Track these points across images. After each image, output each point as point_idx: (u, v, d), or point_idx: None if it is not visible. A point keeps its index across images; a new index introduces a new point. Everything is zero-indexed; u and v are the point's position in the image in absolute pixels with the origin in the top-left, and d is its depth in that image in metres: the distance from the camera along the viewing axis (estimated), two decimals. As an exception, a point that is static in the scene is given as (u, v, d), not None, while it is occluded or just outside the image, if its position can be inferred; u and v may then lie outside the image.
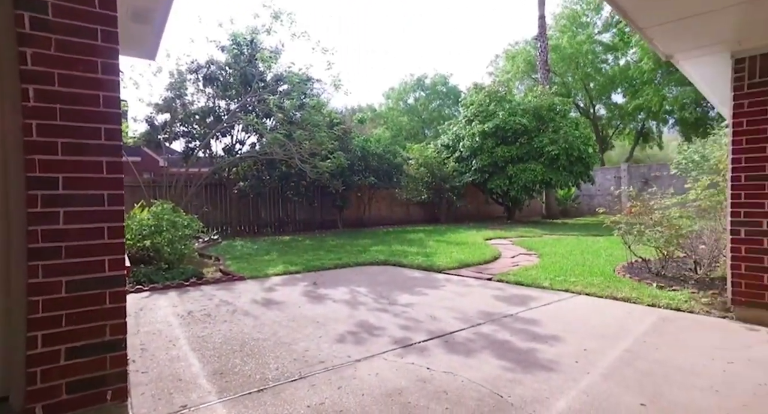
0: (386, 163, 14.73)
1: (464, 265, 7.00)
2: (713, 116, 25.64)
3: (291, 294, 5.25)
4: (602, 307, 4.48)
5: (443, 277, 6.23)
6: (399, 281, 5.99)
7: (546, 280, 5.58)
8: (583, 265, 6.53)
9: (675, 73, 24.21)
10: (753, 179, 3.85)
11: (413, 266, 7.04)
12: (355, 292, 5.34)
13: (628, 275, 5.67)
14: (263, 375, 2.83)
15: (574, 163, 15.05)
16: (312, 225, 14.68)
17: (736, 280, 3.95)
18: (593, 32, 27.97)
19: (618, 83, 28.08)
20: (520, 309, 4.41)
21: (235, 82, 11.38)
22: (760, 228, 3.82)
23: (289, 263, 7.21)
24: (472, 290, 5.37)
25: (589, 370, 2.83)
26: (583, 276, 5.74)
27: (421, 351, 3.27)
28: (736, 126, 3.95)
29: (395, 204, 17.34)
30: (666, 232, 5.14)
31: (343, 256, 7.86)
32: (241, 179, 12.79)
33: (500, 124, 15.31)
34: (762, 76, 3.81)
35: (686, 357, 3.06)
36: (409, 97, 44.64)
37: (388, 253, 8.19)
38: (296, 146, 10.29)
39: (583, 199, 21.12)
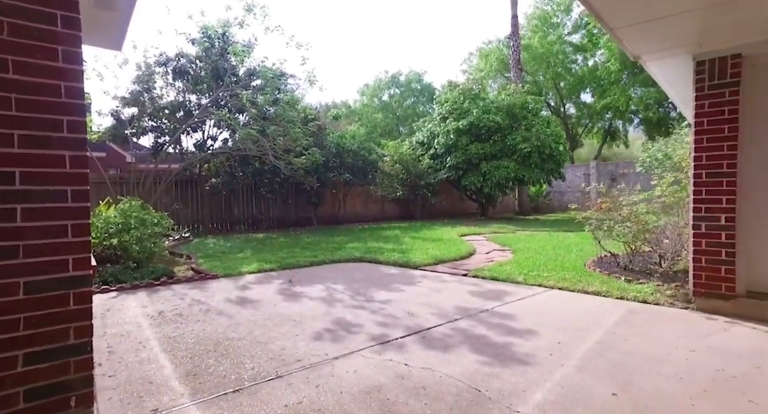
0: (361, 160, 14.69)
1: (440, 261, 7.05)
2: (674, 116, 26.75)
3: (266, 292, 5.16)
4: (574, 300, 4.60)
5: (419, 274, 6.26)
6: (375, 278, 5.98)
7: (520, 275, 5.69)
8: (555, 261, 6.69)
9: (639, 75, 25.10)
10: (713, 176, 4.03)
11: (389, 263, 7.05)
12: (332, 289, 5.30)
13: (598, 269, 5.85)
14: (239, 375, 2.77)
15: (545, 161, 15.41)
16: (286, 222, 14.50)
17: (697, 273, 4.13)
18: (563, 33, 28.64)
19: (587, 83, 28.87)
20: (496, 304, 4.48)
21: (207, 76, 11.08)
22: (719, 223, 4.00)
23: (263, 261, 7.09)
24: (448, 286, 5.41)
25: (563, 363, 2.90)
26: (555, 271, 5.88)
27: (399, 347, 3.27)
28: (697, 125, 4.12)
29: (370, 201, 17.33)
30: (634, 227, 5.32)
31: (318, 254, 7.79)
32: (213, 176, 12.48)
33: (474, 122, 15.49)
34: (720, 78, 3.99)
35: (653, 346, 3.18)
36: (384, 94, 44.64)
37: (364, 250, 8.17)
38: (270, 142, 10.11)
39: (554, 196, 21.66)
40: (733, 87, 3.92)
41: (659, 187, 5.40)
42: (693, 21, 3.56)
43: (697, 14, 3.43)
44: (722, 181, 3.97)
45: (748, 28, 3.64)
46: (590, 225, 6.06)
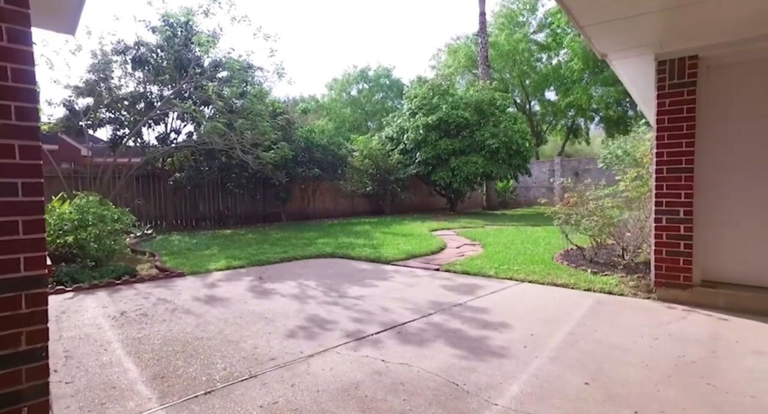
0: (331, 155, 14.53)
1: (412, 256, 7.07)
2: (632, 115, 27.96)
3: (236, 289, 5.01)
4: (544, 293, 4.71)
5: (392, 269, 6.25)
6: (348, 273, 5.92)
7: (491, 269, 5.78)
8: (524, 254, 6.84)
9: (600, 74, 26.03)
10: (673, 172, 4.21)
11: (361, 258, 7.01)
12: (304, 285, 5.21)
13: (565, 262, 6.02)
14: (210, 376, 2.66)
15: (513, 156, 15.74)
16: (254, 218, 14.18)
17: (658, 264, 4.32)
18: (529, 31, 29.27)
19: (551, 81, 29.63)
20: (469, 298, 4.52)
21: (169, 67, 10.60)
22: (678, 216, 4.19)
23: (231, 258, 6.88)
24: (421, 281, 5.43)
25: (537, 354, 2.95)
26: (525, 264, 6.00)
27: (375, 343, 3.24)
28: (659, 123, 4.29)
29: (340, 196, 17.21)
30: (600, 221, 5.50)
31: (288, 250, 7.65)
32: (177, 170, 12.01)
33: (443, 117, 15.62)
34: (680, 78, 4.16)
35: (620, 336, 3.29)
36: (353, 89, 44.40)
37: (335, 246, 8.09)
38: (237, 136, 9.82)
39: (520, 191, 22.22)
40: (690, 87, 4.10)
41: (623, 182, 5.62)
42: (655, 22, 3.68)
43: (658, 15, 3.55)
44: (681, 177, 4.16)
45: (703, 31, 3.82)
46: (559, 219, 6.22)
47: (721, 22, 3.66)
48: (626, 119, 28.37)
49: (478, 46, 21.03)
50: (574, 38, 24.22)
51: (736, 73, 4.09)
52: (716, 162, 4.20)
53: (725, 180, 4.17)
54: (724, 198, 4.18)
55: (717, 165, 4.20)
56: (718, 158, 4.19)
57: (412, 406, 2.27)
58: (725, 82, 4.14)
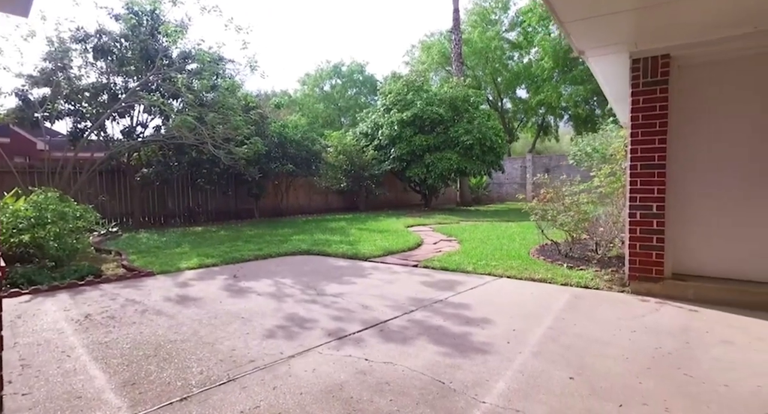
0: (305, 151, 14.31)
1: (389, 252, 7.03)
2: (599, 113, 28.88)
3: (209, 289, 4.83)
4: (523, 288, 4.76)
5: (370, 265, 6.18)
6: (325, 271, 5.82)
7: (469, 264, 5.80)
8: (501, 250, 6.91)
9: (569, 73, 26.73)
10: (646, 168, 4.32)
11: (338, 255, 6.91)
12: (280, 283, 5.08)
13: (541, 257, 6.11)
14: (186, 381, 2.53)
15: (486, 153, 15.93)
16: (226, 215, 13.81)
17: (632, 258, 4.43)
18: (501, 30, 29.69)
19: (522, 79, 30.21)
20: (449, 294, 4.51)
21: (134, 57, 10.11)
22: (651, 211, 4.30)
23: (204, 256, 6.65)
24: (400, 277, 5.39)
25: (520, 350, 2.96)
26: (502, 260, 6.06)
27: (357, 342, 3.17)
28: (633, 120, 4.38)
29: (314, 192, 17.00)
30: (576, 216, 5.61)
31: (263, 247, 7.46)
32: (144, 165, 11.52)
33: (418, 114, 15.63)
34: (653, 76, 4.26)
35: (599, 329, 3.35)
36: (326, 84, 44.02)
37: (311, 243, 7.95)
38: (209, 130, 9.49)
39: (493, 187, 22.56)
40: (663, 85, 4.20)
41: (597, 177, 5.74)
42: (630, 20, 3.75)
43: (633, 14, 3.62)
44: (654, 173, 4.27)
45: (674, 31, 3.92)
46: (536, 215, 6.30)
47: (691, 23, 3.76)
48: (594, 117, 29.27)
49: (451, 42, 21.15)
50: (544, 37, 24.74)
51: (706, 72, 4.22)
52: (686, 159, 4.34)
53: (694, 177, 4.32)
54: (693, 194, 4.32)
55: (687, 162, 4.34)
56: (688, 156, 4.33)
57: (400, 407, 2.22)
58: (696, 82, 4.27)
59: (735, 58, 4.04)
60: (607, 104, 30.02)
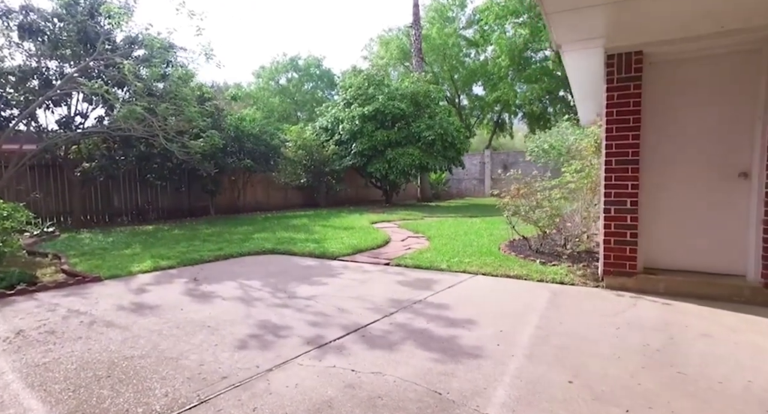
0: (263, 145, 13.74)
1: (358, 250, 6.79)
2: (551, 112, 29.97)
3: (168, 294, 4.39)
4: (501, 285, 4.69)
5: (339, 265, 5.93)
6: (293, 271, 5.51)
7: (443, 262, 5.69)
8: (471, 246, 6.86)
9: (524, 72, 27.48)
10: (621, 163, 4.35)
11: (305, 254, 6.60)
12: (246, 286, 4.72)
13: (513, 253, 6.11)
14: (148, 406, 2.20)
15: (447, 149, 16.01)
16: (180, 212, 13.00)
17: (607, 253, 4.47)
18: (458, 27, 30.02)
19: (478, 77, 30.71)
20: (427, 293, 4.36)
21: (71, 40, 9.17)
22: (625, 206, 4.35)
23: (158, 257, 6.12)
24: (373, 277, 5.18)
25: (512, 353, 2.84)
26: (475, 256, 5.99)
27: (340, 350, 2.93)
28: (608, 115, 4.40)
29: (272, 188, 16.42)
30: (549, 211, 5.63)
31: (223, 246, 7.00)
32: (85, 159, 10.54)
33: (380, 108, 15.43)
34: (627, 72, 4.29)
35: (585, 327, 3.30)
36: (281, 78, 42.92)
37: (275, 241, 7.56)
38: (160, 122, 8.79)
39: (452, 183, 22.82)
40: (636, 81, 4.24)
41: (567, 173, 5.79)
42: (607, 14, 3.74)
43: (610, 8, 3.60)
44: (628, 168, 4.31)
45: (645, 28, 3.97)
46: (508, 210, 6.28)
47: (662, 20, 3.80)
48: (546, 115, 30.36)
49: (411, 37, 21.08)
50: (501, 36, 25.22)
51: (678, 69, 4.30)
52: (658, 155, 4.42)
53: (664, 173, 4.40)
54: (662, 189, 4.41)
55: (658, 158, 4.42)
56: (659, 151, 4.41)
57: (399, 425, 2.02)
58: (668, 78, 4.34)
59: (706, 56, 4.13)
60: (558, 103, 31.02)
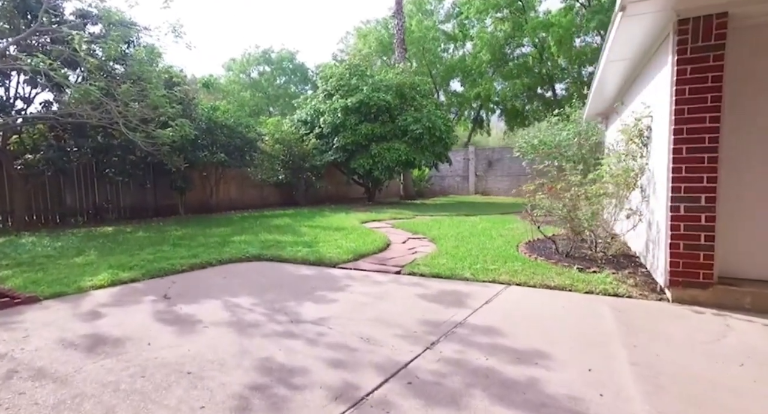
0: (238, 138, 12.56)
1: (359, 255, 5.87)
2: (528, 109, 29.78)
3: (131, 319, 3.36)
4: (546, 299, 3.90)
5: (342, 274, 5.00)
6: (289, 283, 4.54)
7: (464, 269, 4.86)
8: (486, 249, 6.07)
9: (504, 67, 27.08)
10: (694, 152, 3.63)
11: (298, 260, 5.62)
12: (234, 306, 3.74)
13: (538, 257, 5.35)
14: None
15: (435, 144, 15.22)
16: (144, 212, 11.67)
17: (674, 260, 3.74)
18: (437, 20, 29.37)
19: (457, 72, 30.12)
20: (465, 312, 3.51)
21: (5, 10, 7.77)
22: (698, 204, 3.63)
23: (119, 267, 5.01)
24: (388, 290, 4.29)
25: (630, 409, 2.02)
26: (498, 262, 5.19)
27: (385, 409, 2.04)
28: (678, 94, 3.67)
29: (247, 185, 15.21)
30: (589, 210, 4.88)
31: (199, 252, 5.93)
32: (28, 151, 9.11)
33: (364, 100, 14.48)
34: (705, 40, 3.56)
35: (693, 362, 2.54)
36: (253, 71, 41.38)
37: (259, 245, 6.53)
38: (120, 108, 7.55)
39: (435, 180, 22.12)
40: (717, 51, 3.51)
41: (605, 167, 5.03)
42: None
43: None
44: (704, 158, 3.59)
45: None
46: (531, 209, 5.50)
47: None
48: (523, 112, 30.19)
49: (394, 28, 20.16)
50: (483, 29, 24.71)
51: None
52: (742, 142, 3.72)
53: (749, 163, 3.72)
54: (743, 183, 3.73)
55: (742, 146, 3.72)
56: (745, 138, 3.72)
57: None
58: (756, 47, 3.64)
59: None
60: (536, 100, 30.63)
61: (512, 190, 20.01)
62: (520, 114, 30.33)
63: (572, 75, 26.48)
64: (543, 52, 24.36)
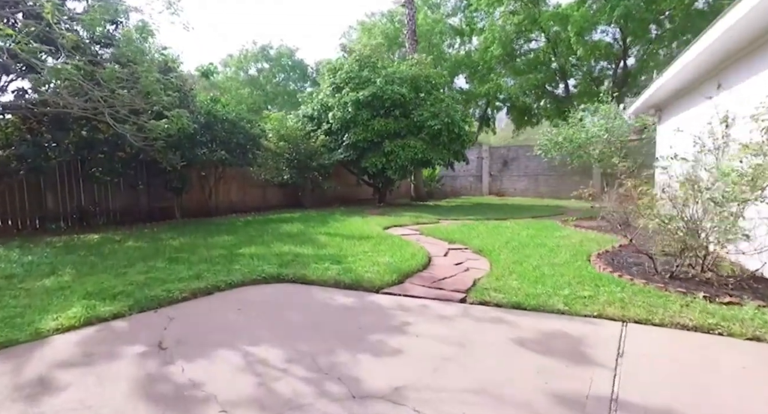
0: (241, 134, 11.38)
1: (402, 275, 4.70)
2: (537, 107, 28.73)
3: (101, 396, 2.20)
4: (700, 351, 2.77)
5: (391, 303, 3.85)
6: (328, 321, 3.39)
7: (550, 296, 3.73)
8: (555, 264, 4.93)
9: (513, 63, 25.98)
10: None
11: (328, 282, 4.45)
12: (259, 362, 2.59)
13: (633, 277, 4.23)
14: None
15: (453, 141, 14.07)
16: (136, 215, 10.44)
17: None
18: (445, 14, 28.28)
19: (463, 68, 29.01)
20: (601, 375, 2.38)
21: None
22: None
23: (97, 294, 3.82)
24: (465, 330, 3.16)
25: None
26: (585, 284, 4.06)
27: None
28: None
29: (249, 186, 14.03)
30: (723, 216, 3.75)
31: (202, 270, 4.74)
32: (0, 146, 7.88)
33: (377, 93, 13.32)
34: None
35: None
36: (251, 68, 40.27)
37: (276, 261, 5.34)
38: (106, 95, 6.35)
39: (446, 180, 20.99)
40: None
41: (740, 159, 3.87)
42: None
43: None
44: None
45: None
46: (610, 216, 4.39)
47: None
48: (531, 109, 29.16)
49: (405, 17, 18.97)
50: (494, 22, 23.63)
51: None
52: None
53: None
54: None
55: None
56: None
57: None
58: None
59: None
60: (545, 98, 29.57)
61: (529, 190, 19.01)
62: (529, 112, 29.31)
63: (584, 70, 25.49)
64: (557, 46, 23.27)
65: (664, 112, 8.32)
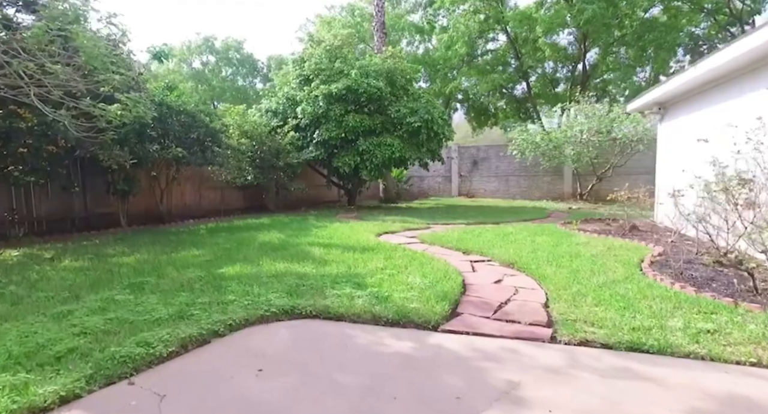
0: (201, 129, 9.89)
1: (452, 301, 3.72)
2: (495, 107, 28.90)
3: None
4: None
5: (464, 347, 2.87)
6: (397, 383, 2.35)
7: (664, 331, 2.93)
8: (617, 282, 4.16)
9: (473, 62, 25.83)
10: None
11: (363, 317, 3.37)
12: None
13: (718, 296, 3.56)
14: None
15: (431, 139, 13.27)
16: (69, 224, 8.65)
17: None
18: (406, 10, 27.64)
19: (423, 66, 28.51)
20: None
21: None
22: None
23: (26, 358, 2.51)
24: (597, 392, 2.26)
25: None
26: (685, 310, 3.31)
27: None
28: None
29: (204, 187, 12.46)
30: None
31: (184, 304, 3.47)
32: None
33: (352, 86, 12.24)
34: None
35: None
36: (195, 61, 37.52)
37: (276, 285, 4.15)
38: (32, 70, 4.82)
39: (414, 181, 20.24)
40: None
41: None
42: None
43: None
44: None
45: None
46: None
47: None
48: (488, 110, 29.36)
49: (374, 8, 17.91)
50: (458, 19, 23.24)
51: None
52: None
53: None
54: None
55: None
56: None
57: None
58: None
59: None
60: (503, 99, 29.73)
61: (499, 191, 18.65)
62: (486, 112, 29.45)
63: (539, 72, 25.92)
64: (523, 46, 23.30)
65: (669, 111, 7.98)
